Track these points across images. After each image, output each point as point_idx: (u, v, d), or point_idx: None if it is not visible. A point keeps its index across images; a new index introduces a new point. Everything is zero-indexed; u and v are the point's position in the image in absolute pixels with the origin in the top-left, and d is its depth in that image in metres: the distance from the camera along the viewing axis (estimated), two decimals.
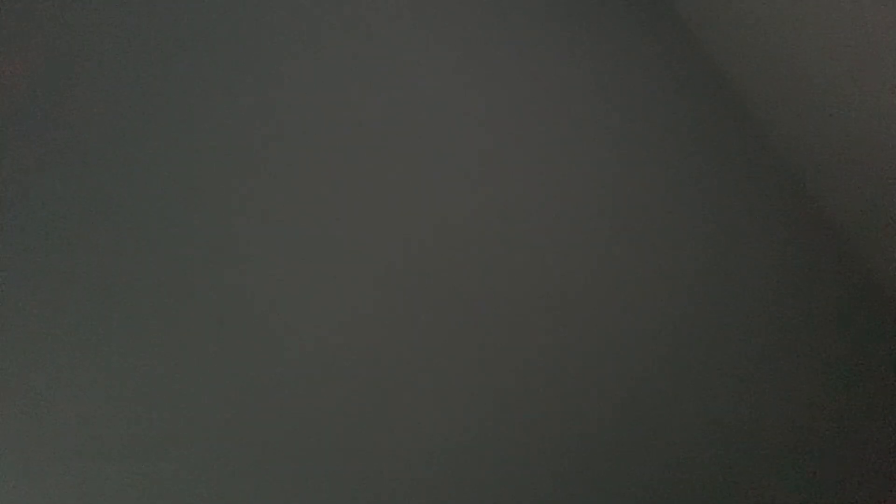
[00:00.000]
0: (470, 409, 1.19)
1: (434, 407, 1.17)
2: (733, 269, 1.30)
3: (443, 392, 1.18)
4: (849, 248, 1.30)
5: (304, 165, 1.18)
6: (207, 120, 1.15)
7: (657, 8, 1.31)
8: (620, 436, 1.24)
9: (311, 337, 1.15)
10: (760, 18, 1.11)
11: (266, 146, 1.17)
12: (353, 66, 1.22)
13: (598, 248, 1.27)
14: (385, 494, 1.13)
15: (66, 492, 1.04)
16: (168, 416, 1.09)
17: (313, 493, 1.12)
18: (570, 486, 1.20)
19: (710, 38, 1.27)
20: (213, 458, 1.09)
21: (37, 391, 1.05)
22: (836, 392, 1.30)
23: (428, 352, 1.19)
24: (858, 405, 1.31)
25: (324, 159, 1.19)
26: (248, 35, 1.18)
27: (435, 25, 1.25)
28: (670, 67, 1.31)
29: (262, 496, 1.10)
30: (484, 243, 1.23)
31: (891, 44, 0.90)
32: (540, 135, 1.27)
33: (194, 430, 1.09)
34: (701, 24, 1.26)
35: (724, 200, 1.31)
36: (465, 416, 1.18)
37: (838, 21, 0.95)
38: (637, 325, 1.27)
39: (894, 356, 1.32)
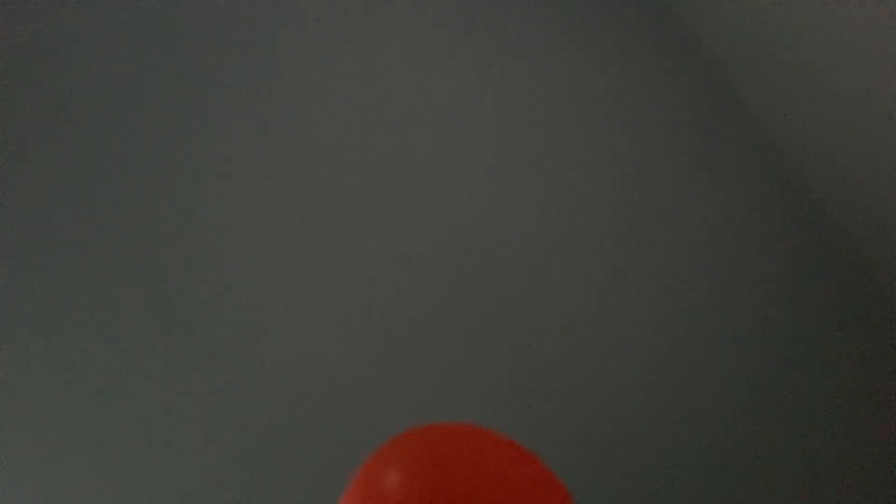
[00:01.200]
0: (474, 414, 1.19)
1: (439, 412, 1.17)
2: (734, 270, 1.30)
3: (446, 396, 1.18)
4: (849, 248, 1.30)
5: (305, 168, 1.18)
6: (208, 121, 1.15)
7: (658, 9, 1.31)
8: (620, 435, 1.24)
9: (311, 342, 1.15)
10: (761, 18, 1.11)
11: (267, 148, 1.17)
12: (356, 67, 1.21)
13: (598, 248, 1.27)
14: None
15: (59, 492, 1.04)
16: (163, 419, 1.09)
17: (311, 497, 1.12)
18: (569, 487, 1.20)
19: (711, 37, 1.27)
20: (209, 460, 1.09)
21: (31, 392, 1.05)
22: (836, 392, 1.31)
23: (431, 355, 1.18)
24: (859, 405, 1.31)
25: (325, 162, 1.19)
26: (251, 34, 1.18)
27: (437, 28, 1.25)
28: (672, 68, 1.31)
29: (262, 499, 1.10)
30: (484, 245, 1.23)
31: (892, 43, 0.90)
32: (540, 136, 1.27)
33: (190, 433, 1.09)
34: (702, 24, 1.26)
35: (724, 201, 1.31)
36: (469, 419, 1.18)
37: (839, 20, 0.95)
38: (638, 325, 1.26)
39: (894, 356, 1.33)
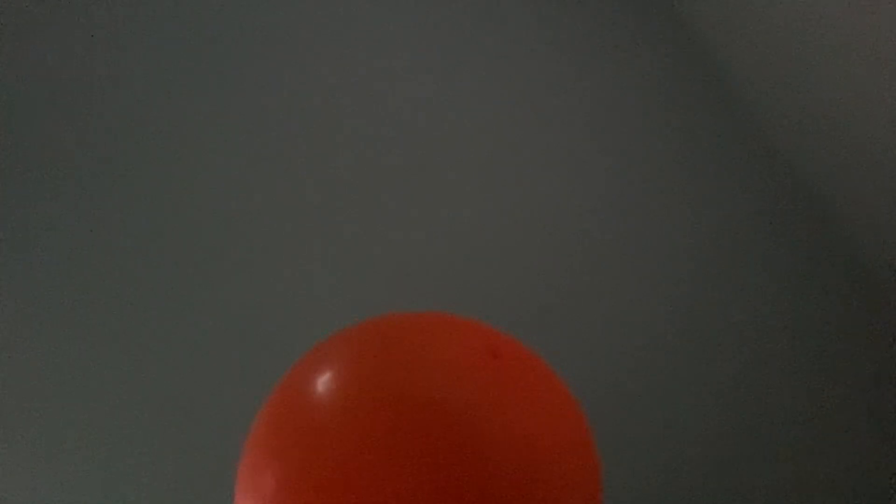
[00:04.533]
0: None
1: None
2: (733, 269, 1.30)
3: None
4: (849, 247, 1.30)
5: (304, 168, 1.18)
6: (206, 121, 1.15)
7: (657, 7, 1.31)
8: (615, 435, 1.23)
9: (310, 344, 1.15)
10: (761, 16, 1.10)
11: (265, 148, 1.17)
12: (353, 67, 1.21)
13: (597, 247, 1.27)
14: None
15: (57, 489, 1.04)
16: (166, 418, 1.08)
17: None
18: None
19: (709, 34, 1.27)
20: (211, 459, 1.09)
21: (33, 389, 1.05)
22: (835, 392, 1.30)
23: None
24: (858, 405, 1.31)
25: (321, 163, 1.19)
26: (249, 35, 1.18)
27: (431, 25, 1.25)
28: (671, 66, 1.31)
29: None
30: (482, 246, 1.23)
31: (891, 41, 0.90)
32: (539, 135, 1.27)
33: (189, 430, 1.09)
34: (701, 21, 1.26)
35: (724, 200, 1.31)
36: None
37: (839, 18, 0.95)
38: (637, 324, 1.26)
39: (894, 356, 1.32)
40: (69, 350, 1.08)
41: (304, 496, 0.35)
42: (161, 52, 1.15)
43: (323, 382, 0.37)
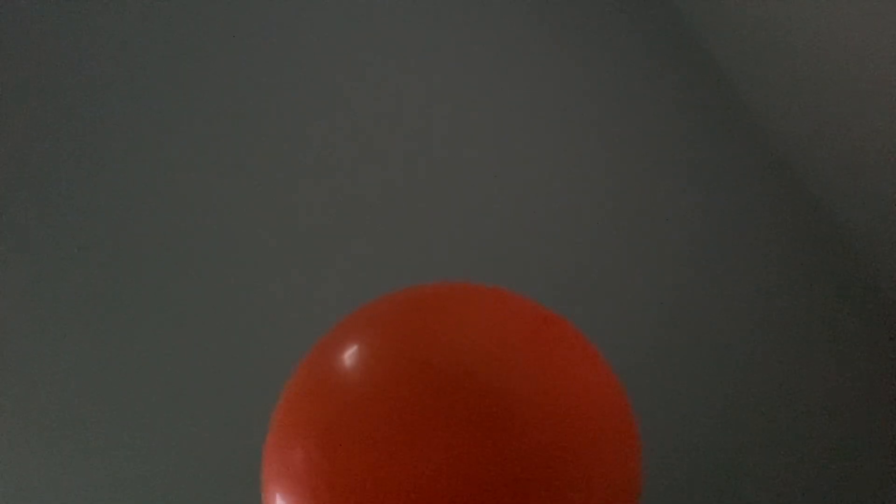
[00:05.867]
0: None
1: None
2: (732, 269, 1.30)
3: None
4: (848, 247, 1.30)
5: (303, 167, 1.18)
6: (207, 120, 1.15)
7: (658, 6, 1.31)
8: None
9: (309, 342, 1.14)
10: (760, 15, 1.11)
11: (266, 147, 1.17)
12: (354, 66, 1.22)
13: (597, 246, 1.27)
14: None
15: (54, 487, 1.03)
16: (164, 414, 1.08)
17: None
18: None
19: (709, 34, 1.27)
20: (209, 457, 1.09)
21: (31, 384, 1.04)
22: (835, 392, 1.30)
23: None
24: (857, 406, 1.31)
25: (320, 162, 1.19)
26: (252, 34, 1.18)
27: (435, 25, 1.25)
28: (670, 65, 1.31)
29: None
30: (481, 244, 1.23)
31: (890, 41, 0.90)
32: (539, 134, 1.27)
33: (186, 426, 1.09)
34: (700, 20, 1.26)
35: (724, 200, 1.31)
36: None
37: (839, 17, 0.96)
38: (637, 323, 1.26)
39: (894, 356, 1.32)
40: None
41: (336, 471, 0.34)
42: (172, 59, 1.15)
43: (351, 355, 0.35)
